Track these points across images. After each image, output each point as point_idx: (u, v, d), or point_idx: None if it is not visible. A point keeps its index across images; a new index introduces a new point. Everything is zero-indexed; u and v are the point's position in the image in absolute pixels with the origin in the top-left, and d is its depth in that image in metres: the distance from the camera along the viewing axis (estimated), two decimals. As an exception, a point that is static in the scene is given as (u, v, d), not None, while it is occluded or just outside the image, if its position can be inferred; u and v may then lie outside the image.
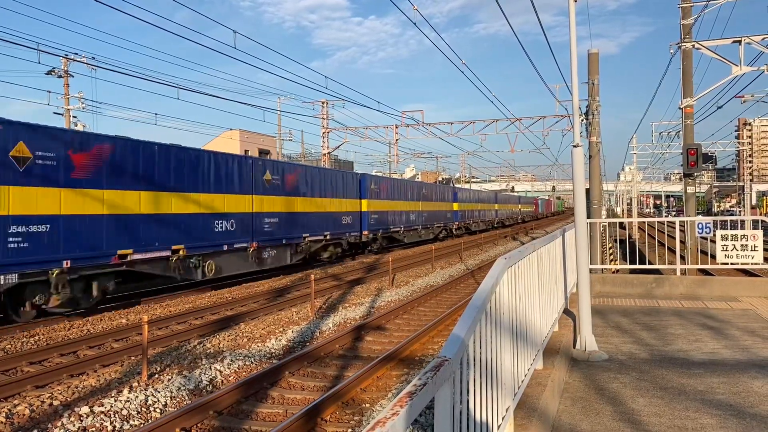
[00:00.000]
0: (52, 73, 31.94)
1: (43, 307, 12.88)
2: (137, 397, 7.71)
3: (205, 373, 8.88)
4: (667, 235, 34.18)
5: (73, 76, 32.68)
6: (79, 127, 32.69)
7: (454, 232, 46.62)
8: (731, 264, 11.16)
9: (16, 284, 12.06)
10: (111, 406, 7.34)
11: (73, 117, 33.02)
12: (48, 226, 12.72)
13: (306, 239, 23.06)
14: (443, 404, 2.32)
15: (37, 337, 11.63)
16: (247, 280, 20.41)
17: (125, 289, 17.15)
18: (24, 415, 7.27)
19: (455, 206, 46.11)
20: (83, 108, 33.14)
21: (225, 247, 18.31)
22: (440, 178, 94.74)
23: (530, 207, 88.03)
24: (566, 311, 7.73)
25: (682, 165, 17.47)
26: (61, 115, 32.60)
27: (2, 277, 11.74)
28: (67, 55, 31.21)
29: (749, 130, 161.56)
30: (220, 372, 9.06)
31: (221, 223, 18.21)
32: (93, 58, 31.74)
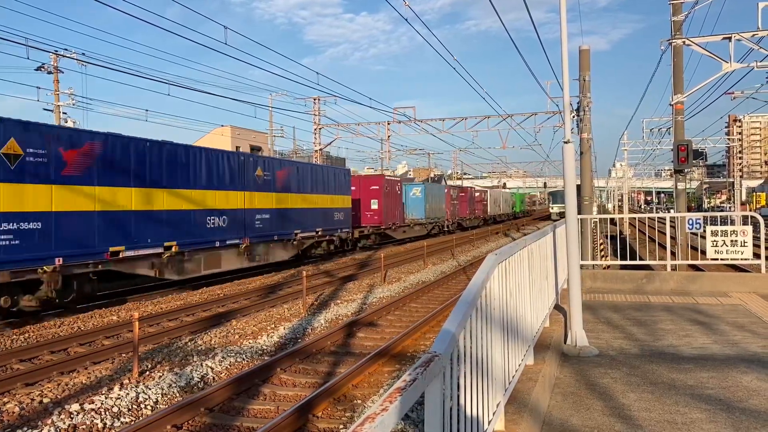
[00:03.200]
0: (42, 69, 31.71)
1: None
2: (128, 394, 7.68)
3: (196, 370, 8.86)
4: (658, 230, 34.36)
5: (63, 72, 32.49)
6: (69, 124, 32.49)
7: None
8: (721, 259, 11.24)
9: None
10: (102, 404, 7.30)
11: (63, 113, 32.84)
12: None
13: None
14: (433, 400, 2.33)
15: (27, 335, 11.57)
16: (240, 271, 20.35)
17: (118, 286, 17.08)
18: (13, 412, 7.23)
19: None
20: (73, 104, 32.96)
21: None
22: (432, 175, 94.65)
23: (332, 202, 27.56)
24: (557, 307, 7.76)
25: (672, 161, 17.55)
26: (51, 111, 32.38)
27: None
28: (56, 51, 30.99)
29: (739, 127, 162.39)
30: (212, 369, 9.03)
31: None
32: (83, 54, 31.47)
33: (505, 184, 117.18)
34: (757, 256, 11.43)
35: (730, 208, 73.26)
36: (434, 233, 44.60)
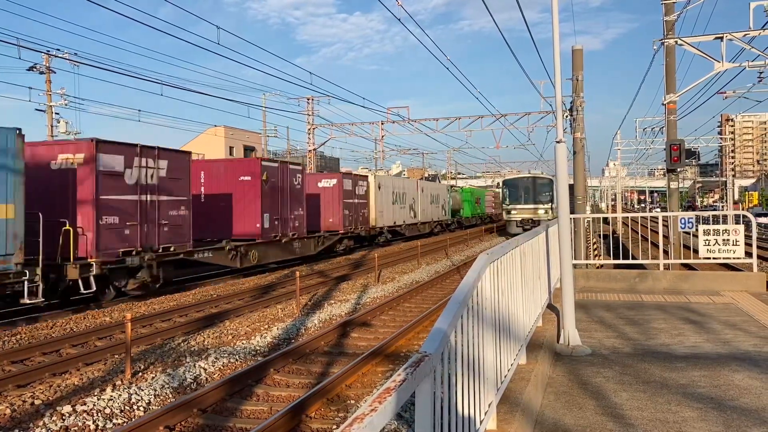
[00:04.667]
0: (34, 69, 31.54)
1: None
2: (120, 395, 7.65)
3: (189, 371, 8.83)
4: (650, 229, 34.46)
5: (55, 73, 32.41)
6: (62, 124, 32.34)
7: None
8: (713, 258, 11.28)
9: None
10: (94, 405, 7.27)
11: (56, 114, 32.67)
12: None
13: None
14: (424, 399, 2.32)
15: (19, 336, 11.50)
16: (233, 277, 20.30)
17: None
18: (5, 414, 7.19)
19: None
20: (66, 104, 32.77)
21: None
22: (426, 175, 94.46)
23: None
24: (550, 306, 7.78)
25: (665, 161, 17.61)
26: (43, 111, 32.23)
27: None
28: (48, 51, 30.81)
29: (731, 126, 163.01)
30: (205, 369, 9.01)
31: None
32: (75, 54, 31.32)
33: (499, 183, 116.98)
34: (748, 255, 11.48)
35: (722, 207, 73.57)
36: None
